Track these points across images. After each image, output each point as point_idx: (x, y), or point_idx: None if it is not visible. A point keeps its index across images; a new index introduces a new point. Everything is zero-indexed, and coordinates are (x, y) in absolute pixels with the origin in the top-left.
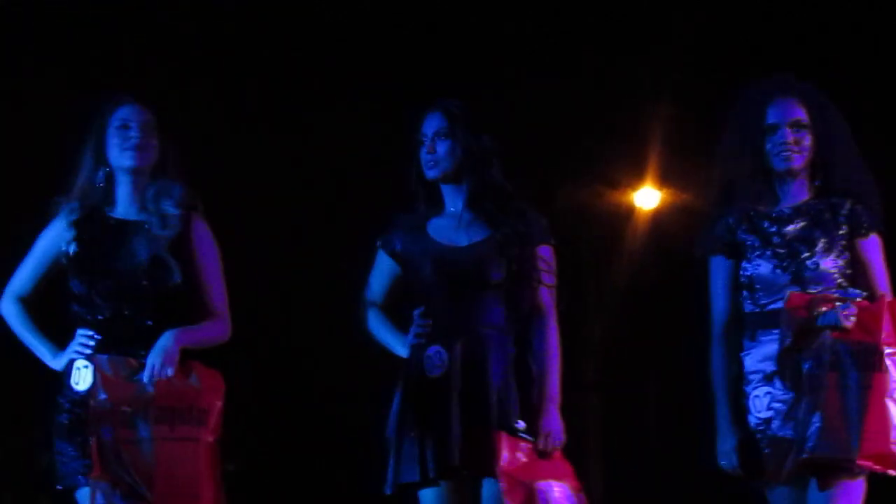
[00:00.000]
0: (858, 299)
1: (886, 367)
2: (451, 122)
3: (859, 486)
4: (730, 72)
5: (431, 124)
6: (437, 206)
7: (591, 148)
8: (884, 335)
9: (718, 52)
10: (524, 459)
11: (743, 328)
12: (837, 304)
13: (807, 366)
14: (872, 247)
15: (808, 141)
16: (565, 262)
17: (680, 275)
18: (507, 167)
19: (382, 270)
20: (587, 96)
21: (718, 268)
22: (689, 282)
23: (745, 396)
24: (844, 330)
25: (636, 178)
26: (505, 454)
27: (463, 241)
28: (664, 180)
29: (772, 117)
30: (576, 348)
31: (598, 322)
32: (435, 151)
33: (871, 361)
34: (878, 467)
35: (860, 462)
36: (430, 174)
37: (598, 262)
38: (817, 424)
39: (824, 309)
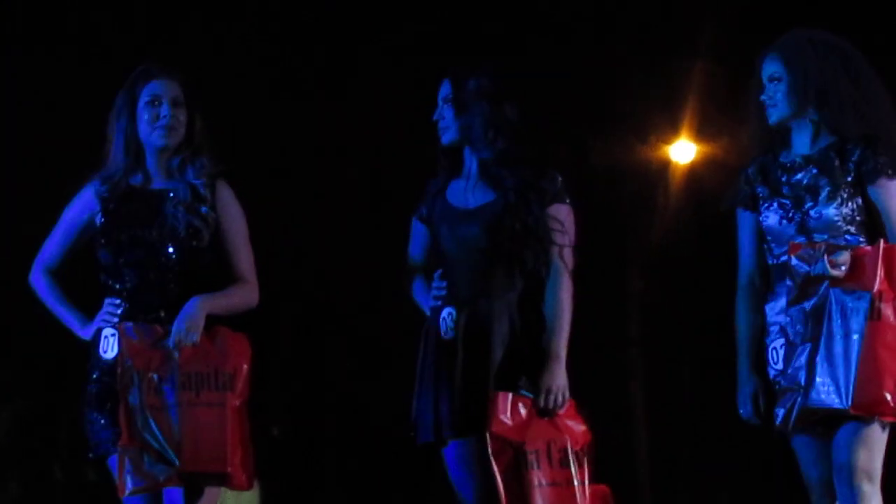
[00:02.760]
0: (854, 246)
1: (880, 315)
2: (455, 89)
3: (877, 433)
4: (766, 24)
5: (442, 91)
6: (456, 169)
7: (625, 103)
8: (878, 282)
9: (754, 3)
10: (521, 418)
11: (767, 280)
12: (825, 252)
13: (806, 316)
14: (883, 191)
15: (780, 93)
16: (601, 218)
17: (716, 228)
18: (539, 125)
19: (416, 236)
20: (621, 52)
21: (741, 220)
22: (726, 235)
23: (766, 348)
24: (838, 279)
25: (671, 132)
26: (498, 414)
27: (471, 204)
28: (700, 134)
29: (762, 73)
30: (615, 304)
31: (635, 278)
32: (444, 118)
33: (864, 309)
34: (874, 414)
35: (854, 411)
36: (442, 140)
37: (634, 217)
38: (813, 375)
39: (817, 258)
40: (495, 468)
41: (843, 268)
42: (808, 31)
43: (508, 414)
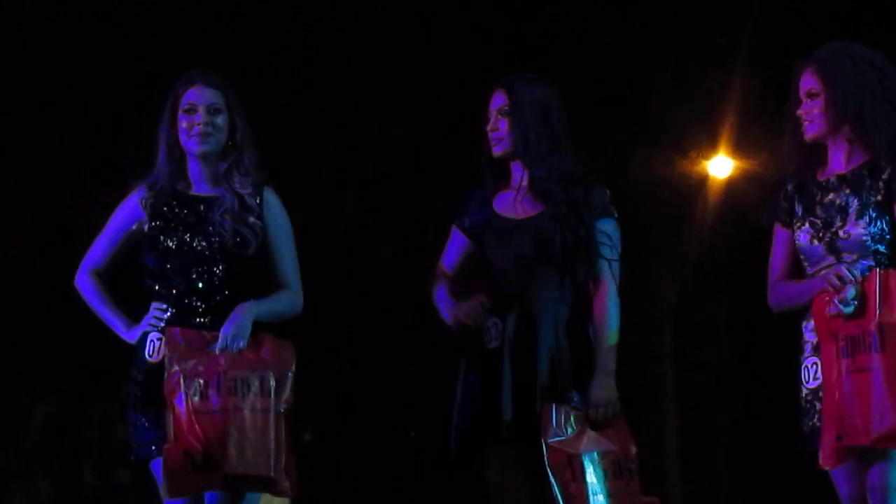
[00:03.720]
0: (861, 277)
1: (884, 346)
2: (511, 100)
3: None
4: (805, 39)
5: (495, 101)
6: (505, 181)
7: (663, 116)
8: (877, 314)
9: (794, 16)
10: (575, 429)
11: None
12: (834, 298)
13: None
14: None
15: (817, 109)
16: (638, 231)
17: (754, 244)
18: (578, 137)
19: (453, 245)
20: (660, 64)
21: (777, 235)
22: (764, 251)
23: (799, 365)
24: (848, 315)
25: (710, 146)
26: (552, 425)
27: (523, 213)
28: (738, 149)
29: (799, 89)
30: (650, 318)
31: (671, 292)
32: (498, 129)
33: (868, 342)
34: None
35: (875, 445)
36: (495, 151)
37: (671, 231)
38: (844, 413)
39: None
40: (553, 480)
41: (855, 303)
42: (846, 45)
43: (562, 425)
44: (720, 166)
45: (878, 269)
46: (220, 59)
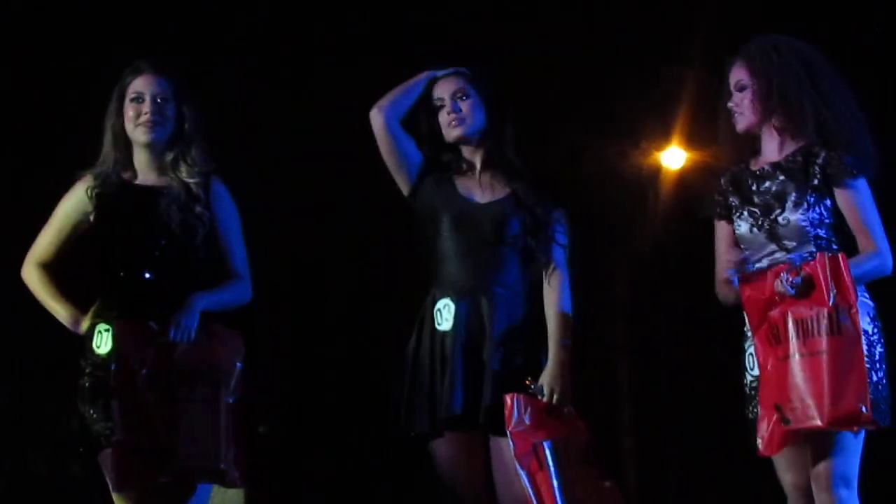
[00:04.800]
0: (803, 263)
1: (840, 329)
2: (469, 83)
3: (853, 439)
4: (757, 31)
5: (447, 87)
6: (462, 164)
7: (617, 108)
8: (830, 297)
9: (749, 10)
10: (533, 417)
11: None
12: (782, 273)
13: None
14: (848, 193)
15: (747, 100)
16: (592, 221)
17: (706, 235)
18: (532, 129)
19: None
20: (613, 56)
21: (718, 229)
22: (714, 242)
23: (742, 353)
24: (792, 297)
25: (663, 138)
26: (514, 414)
27: (482, 199)
28: (691, 140)
29: (729, 82)
30: (603, 309)
31: (624, 283)
32: (459, 111)
33: (821, 325)
34: (852, 427)
35: (830, 427)
36: (453, 134)
37: (624, 222)
38: (789, 396)
39: (776, 280)
40: (520, 469)
41: (798, 284)
42: (774, 37)
43: (525, 414)
44: (673, 157)
45: (825, 253)
46: (175, 47)
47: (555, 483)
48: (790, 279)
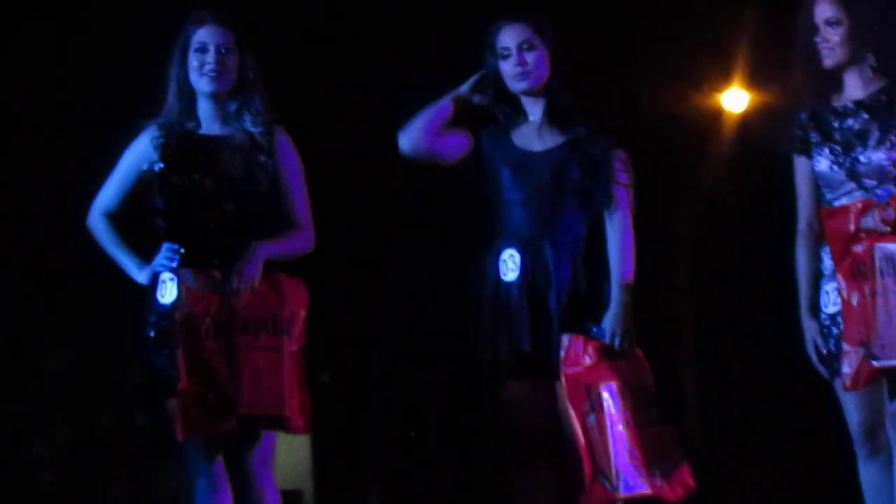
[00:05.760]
0: (891, 196)
1: None
2: (535, 32)
3: None
4: None
5: (513, 36)
6: (519, 116)
7: (676, 50)
8: None
9: None
10: (592, 360)
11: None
12: (874, 208)
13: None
14: None
15: (838, 37)
16: (654, 165)
17: (769, 176)
18: (590, 73)
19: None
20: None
21: (797, 165)
22: (778, 182)
23: (818, 291)
24: (883, 233)
25: (723, 80)
26: (570, 355)
27: (540, 147)
28: (752, 82)
29: (815, 16)
30: (666, 252)
31: (686, 225)
32: (525, 63)
33: None
34: None
35: None
36: (519, 86)
37: (687, 165)
38: (876, 332)
39: (862, 216)
40: (572, 411)
41: (888, 227)
42: None
43: (581, 356)
44: (734, 99)
45: None
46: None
47: (609, 426)
48: (881, 215)
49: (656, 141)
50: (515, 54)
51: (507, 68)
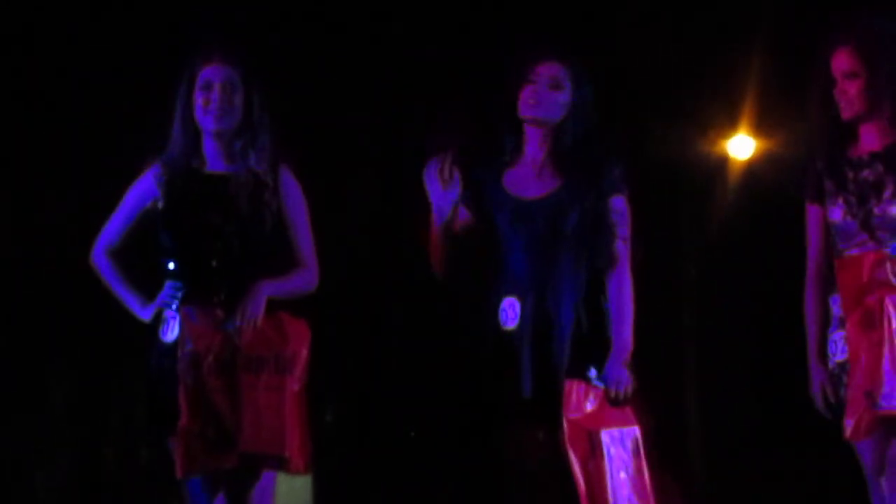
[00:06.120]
0: None
1: None
2: (567, 75)
3: None
4: (827, 10)
5: (549, 69)
6: (516, 148)
7: (683, 96)
8: None
9: None
10: (593, 407)
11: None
12: (888, 261)
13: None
14: None
15: (856, 89)
16: (660, 209)
17: (774, 224)
18: (598, 115)
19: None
20: (679, 42)
21: (810, 213)
22: (784, 231)
23: (827, 339)
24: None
25: (730, 126)
26: (572, 401)
27: (537, 192)
28: (758, 129)
29: (833, 68)
30: (671, 296)
31: (692, 271)
32: (542, 97)
33: None
34: None
35: None
36: (527, 113)
37: (691, 211)
38: (882, 381)
39: (879, 268)
40: (573, 456)
41: None
42: (881, 21)
43: (583, 402)
44: (741, 146)
45: None
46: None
47: (609, 473)
48: (895, 268)
49: (661, 185)
50: (542, 85)
51: (526, 93)
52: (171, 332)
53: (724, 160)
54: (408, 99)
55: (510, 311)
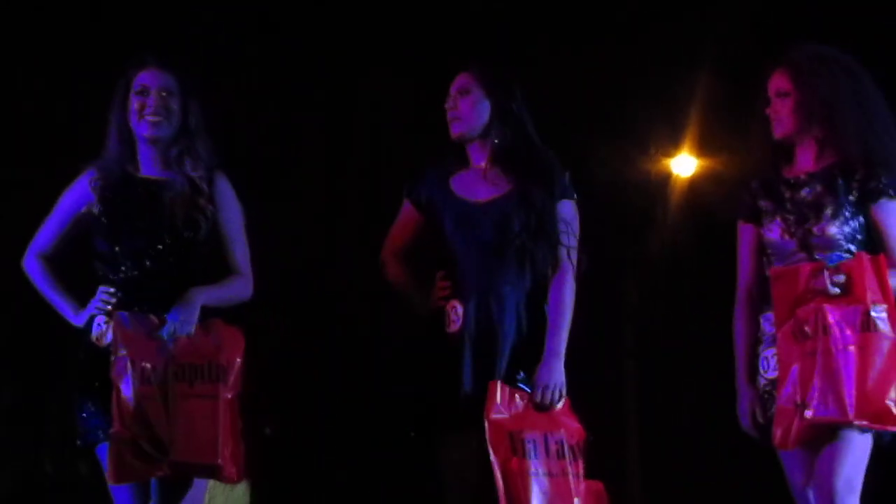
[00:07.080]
0: (841, 262)
1: (875, 326)
2: (474, 78)
3: (863, 447)
4: (769, 39)
5: (457, 82)
6: (464, 161)
7: (627, 114)
8: (869, 294)
9: (759, 16)
10: (518, 409)
11: (764, 292)
12: (824, 272)
13: (799, 333)
14: (884, 211)
15: (787, 109)
16: (601, 229)
17: (717, 242)
18: (541, 134)
19: (406, 221)
20: (623, 61)
21: (743, 233)
22: (726, 249)
23: (757, 357)
24: (831, 295)
25: (673, 145)
26: (496, 402)
27: (484, 195)
28: (701, 148)
29: (769, 88)
30: (613, 315)
31: (634, 289)
32: (457, 108)
33: (859, 322)
34: (876, 425)
35: (857, 422)
36: (452, 133)
37: (635, 229)
38: (812, 390)
39: (814, 278)
40: (493, 457)
41: (840, 283)
42: (818, 47)
43: (506, 403)
44: (684, 165)
45: (864, 253)
46: (179, 40)
47: (530, 473)
48: (833, 277)
49: (604, 203)
50: (451, 100)
51: (449, 115)
52: (104, 338)
53: (666, 178)
54: (345, 107)
55: (453, 314)
